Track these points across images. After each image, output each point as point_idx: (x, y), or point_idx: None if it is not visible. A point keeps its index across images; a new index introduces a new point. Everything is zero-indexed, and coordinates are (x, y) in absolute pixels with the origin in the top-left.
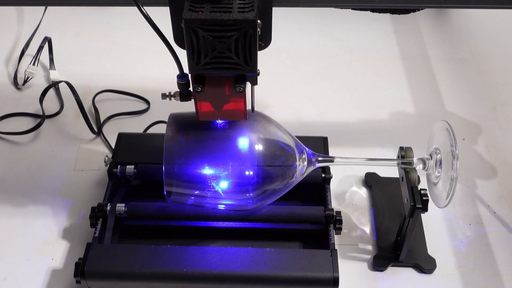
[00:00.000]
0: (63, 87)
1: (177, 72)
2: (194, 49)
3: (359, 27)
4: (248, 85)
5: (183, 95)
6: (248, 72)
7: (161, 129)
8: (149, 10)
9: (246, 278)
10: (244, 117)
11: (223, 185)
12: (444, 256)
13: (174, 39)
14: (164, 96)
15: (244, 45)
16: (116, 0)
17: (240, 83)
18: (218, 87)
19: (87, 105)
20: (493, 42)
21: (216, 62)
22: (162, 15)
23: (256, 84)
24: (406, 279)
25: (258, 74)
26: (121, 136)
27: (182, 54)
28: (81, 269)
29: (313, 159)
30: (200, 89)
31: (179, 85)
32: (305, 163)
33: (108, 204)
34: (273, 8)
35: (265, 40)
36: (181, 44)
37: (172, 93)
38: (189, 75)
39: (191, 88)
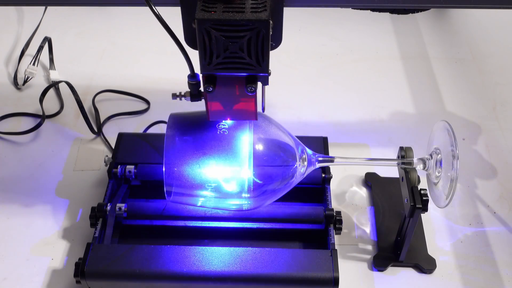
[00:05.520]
0: (63, 87)
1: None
2: (206, 49)
3: (359, 27)
4: (259, 85)
5: (194, 95)
6: (260, 72)
7: (161, 129)
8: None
9: (246, 278)
10: (255, 117)
11: (223, 185)
12: (444, 256)
13: (184, 39)
14: (174, 96)
15: (257, 45)
16: (118, 0)
17: (252, 83)
18: (229, 87)
19: (87, 105)
20: (493, 42)
21: (228, 62)
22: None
23: (267, 84)
24: (406, 279)
25: (270, 74)
26: (121, 136)
27: (192, 54)
28: (81, 269)
29: (313, 159)
30: (211, 89)
31: (189, 85)
32: (305, 163)
33: (108, 204)
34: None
35: (276, 40)
36: (191, 44)
37: (182, 93)
38: (200, 75)
39: (201, 88)
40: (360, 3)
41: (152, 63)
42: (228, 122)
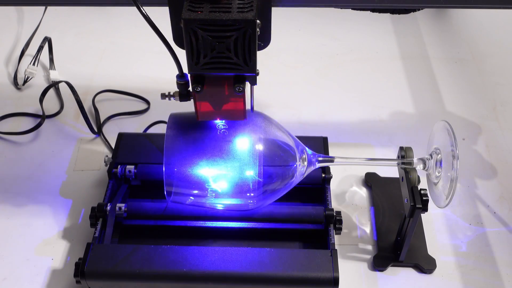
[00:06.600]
0: (63, 87)
1: (177, 72)
2: (193, 49)
3: (359, 27)
4: (248, 85)
5: (183, 95)
6: (247, 72)
7: (161, 129)
8: (148, 10)
9: (246, 278)
10: (244, 117)
11: (223, 185)
12: (444, 256)
13: (173, 39)
14: (163, 96)
15: (244, 45)
16: (116, 0)
17: (240, 83)
18: (218, 87)
19: (87, 105)
20: (493, 42)
21: (216, 62)
22: (161, 15)
23: (256, 84)
24: (406, 279)
25: (258, 74)
26: (121, 136)
27: (181, 54)
28: (81, 269)
29: (313, 159)
30: (199, 89)
31: (178, 85)
32: (305, 163)
33: (108, 204)
34: (272, 8)
35: (265, 40)
36: (180, 44)
37: (171, 93)
38: (189, 75)
39: (190, 88)
40: (360, 3)
41: (152, 63)
42: (228, 122)
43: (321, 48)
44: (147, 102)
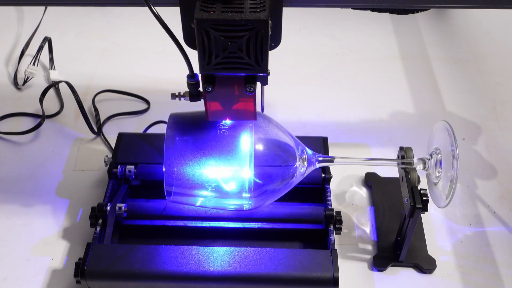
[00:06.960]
0: (63, 87)
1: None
2: (205, 49)
3: (359, 27)
4: (258, 85)
5: (193, 95)
6: (259, 72)
7: (161, 129)
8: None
9: (246, 278)
10: (254, 117)
11: (223, 185)
12: (444, 256)
13: (183, 39)
14: (173, 96)
15: (256, 45)
16: (116, 0)
17: (251, 83)
18: (228, 87)
19: (87, 105)
20: (493, 42)
21: (227, 62)
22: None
23: (267, 84)
24: (406, 279)
25: (269, 74)
26: (121, 136)
27: (192, 54)
28: (81, 269)
29: (313, 159)
30: (210, 89)
31: (189, 85)
32: (305, 163)
33: (108, 204)
34: (283, 8)
35: (275, 40)
36: (190, 44)
37: (181, 93)
38: (199, 75)
39: (200, 88)
40: (360, 3)
41: (152, 63)
42: (228, 122)
43: (321, 48)
44: (147, 102)
